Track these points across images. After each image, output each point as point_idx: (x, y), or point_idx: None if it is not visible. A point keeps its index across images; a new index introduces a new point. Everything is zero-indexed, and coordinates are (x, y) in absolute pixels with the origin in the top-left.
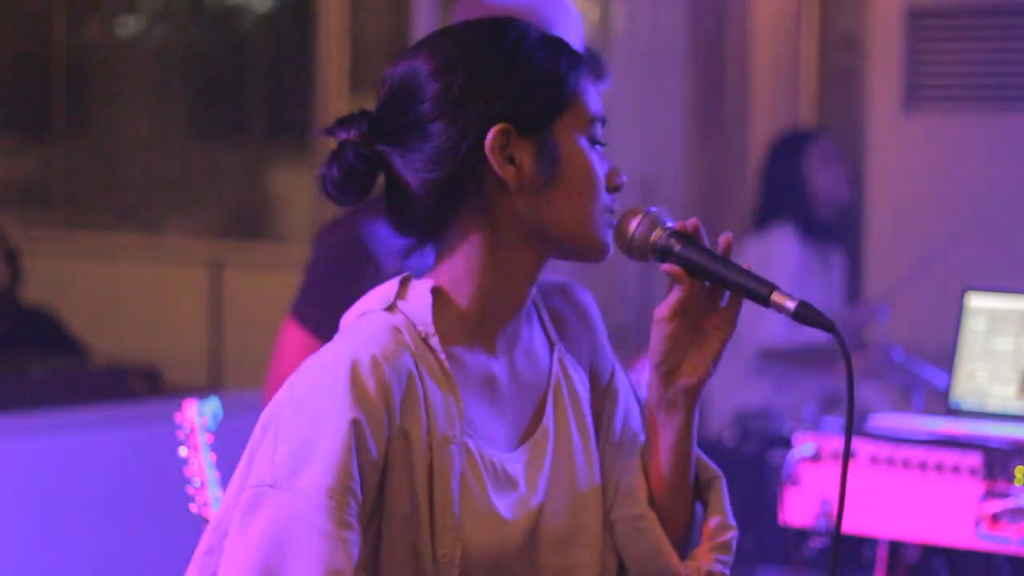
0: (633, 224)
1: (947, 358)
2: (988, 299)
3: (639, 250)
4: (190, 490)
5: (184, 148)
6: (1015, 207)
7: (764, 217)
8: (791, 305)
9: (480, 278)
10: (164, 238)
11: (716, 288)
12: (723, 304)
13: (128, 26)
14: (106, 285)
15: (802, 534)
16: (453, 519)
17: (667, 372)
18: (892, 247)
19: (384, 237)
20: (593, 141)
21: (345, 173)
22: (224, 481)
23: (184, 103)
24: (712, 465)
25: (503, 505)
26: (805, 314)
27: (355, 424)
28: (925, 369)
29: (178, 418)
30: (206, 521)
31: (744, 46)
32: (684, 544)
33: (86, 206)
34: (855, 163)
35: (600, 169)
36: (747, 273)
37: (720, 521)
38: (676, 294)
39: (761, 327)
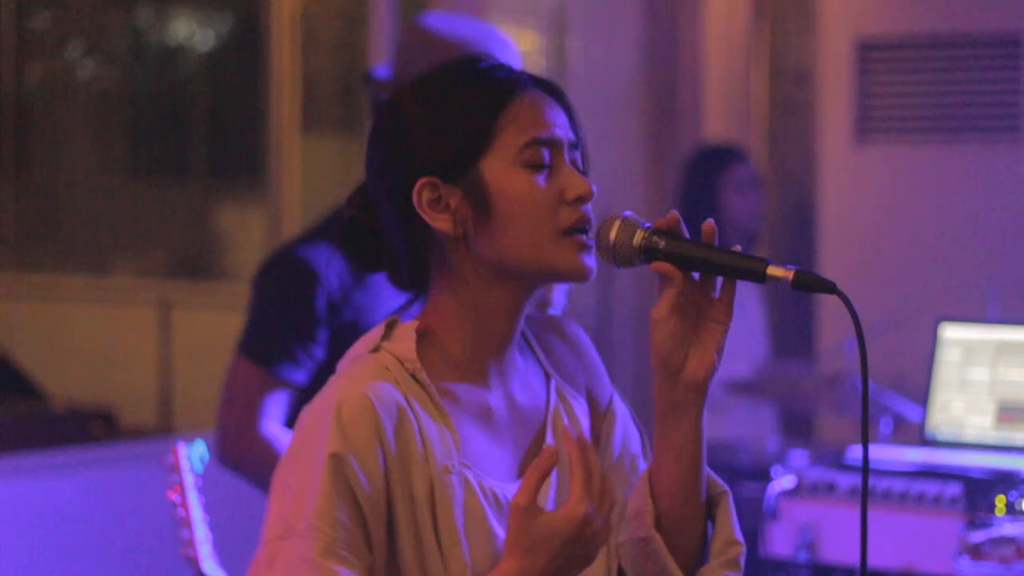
0: (612, 233)
1: (914, 389)
2: (962, 330)
3: (624, 256)
4: (181, 533)
5: (129, 188)
6: (969, 237)
7: None
8: (788, 276)
9: (462, 321)
10: (112, 279)
11: (707, 279)
12: (716, 295)
13: (73, 68)
14: (54, 327)
15: (779, 566)
16: (460, 548)
17: (671, 372)
18: (847, 280)
19: (322, 256)
20: (537, 165)
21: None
22: (211, 523)
23: (127, 143)
24: (719, 480)
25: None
26: (804, 280)
27: (334, 458)
28: (894, 400)
29: (167, 461)
30: (194, 562)
31: (696, 79)
32: (698, 563)
33: (32, 248)
34: (807, 196)
35: (545, 191)
36: (737, 255)
37: (728, 537)
38: (670, 291)
39: (727, 361)
